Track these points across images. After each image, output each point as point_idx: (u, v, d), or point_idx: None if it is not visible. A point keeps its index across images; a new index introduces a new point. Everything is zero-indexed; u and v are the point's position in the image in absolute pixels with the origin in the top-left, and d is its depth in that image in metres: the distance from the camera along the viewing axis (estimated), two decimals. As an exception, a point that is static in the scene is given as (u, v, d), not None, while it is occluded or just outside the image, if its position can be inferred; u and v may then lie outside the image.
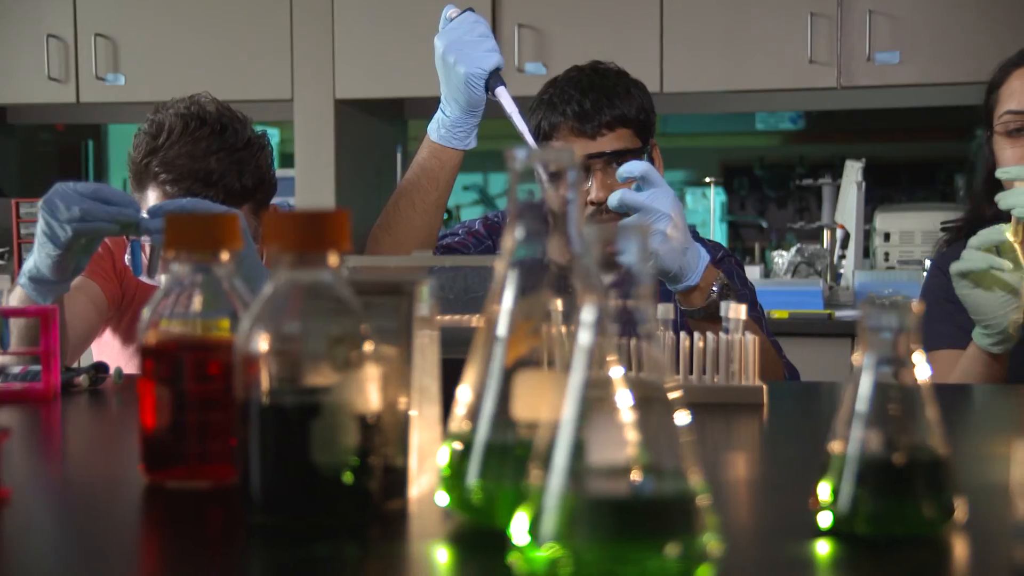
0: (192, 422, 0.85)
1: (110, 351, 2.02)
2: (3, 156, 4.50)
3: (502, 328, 0.75)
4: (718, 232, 4.85)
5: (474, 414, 0.75)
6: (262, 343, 0.74)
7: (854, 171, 3.79)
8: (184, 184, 1.78)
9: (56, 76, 3.95)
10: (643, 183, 1.56)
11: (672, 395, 0.63)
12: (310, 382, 0.75)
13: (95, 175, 4.92)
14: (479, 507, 0.74)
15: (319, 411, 0.74)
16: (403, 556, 0.74)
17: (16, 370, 1.39)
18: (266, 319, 0.75)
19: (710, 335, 1.35)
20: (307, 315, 0.76)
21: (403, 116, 4.29)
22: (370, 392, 0.76)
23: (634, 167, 1.58)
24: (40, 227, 1.45)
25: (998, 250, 1.59)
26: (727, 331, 1.34)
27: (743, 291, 1.88)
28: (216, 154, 1.80)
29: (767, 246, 4.85)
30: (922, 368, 0.74)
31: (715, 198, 4.82)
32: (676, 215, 1.56)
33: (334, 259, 0.76)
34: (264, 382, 0.74)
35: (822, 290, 3.45)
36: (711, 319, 1.61)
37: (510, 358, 0.76)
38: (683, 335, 1.36)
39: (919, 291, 2.05)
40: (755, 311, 1.87)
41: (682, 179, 5.31)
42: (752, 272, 3.82)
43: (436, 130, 1.79)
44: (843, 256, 3.87)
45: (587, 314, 0.62)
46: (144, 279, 1.57)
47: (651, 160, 1.87)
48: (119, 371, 1.46)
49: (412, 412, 0.82)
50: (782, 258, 3.96)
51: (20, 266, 1.73)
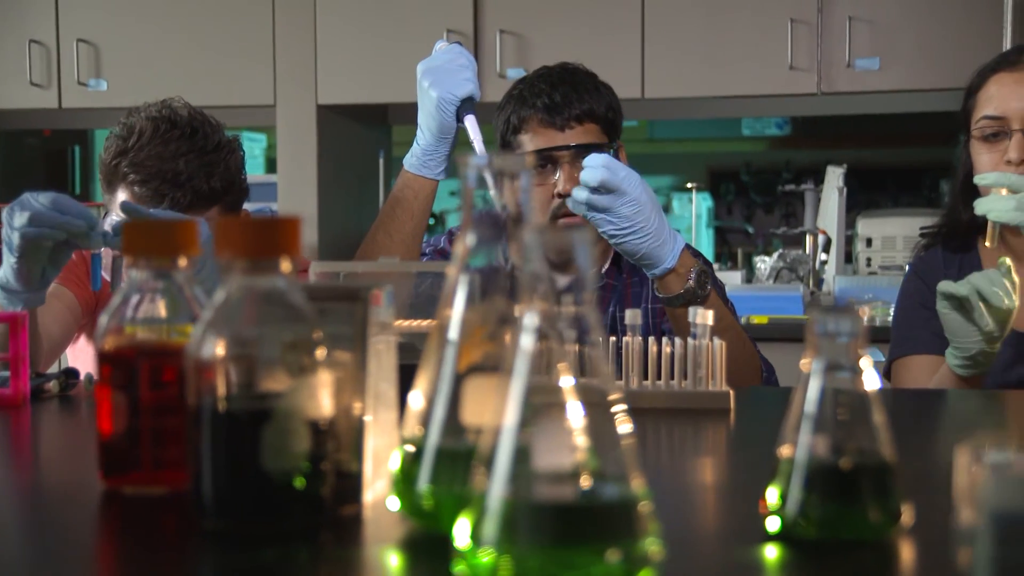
0: (148, 428, 0.85)
1: (85, 356, 2.02)
2: (-14, 161, 4.49)
3: (454, 333, 0.76)
4: (705, 238, 4.86)
5: (426, 419, 0.76)
6: (214, 349, 0.75)
7: (835, 177, 3.80)
8: (152, 185, 1.79)
9: (38, 82, 3.94)
10: (608, 173, 1.57)
11: (615, 401, 0.63)
12: (262, 388, 0.76)
13: (81, 180, 4.92)
14: (429, 512, 0.74)
15: (270, 417, 0.74)
16: (354, 561, 0.74)
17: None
18: (218, 325, 0.75)
19: (678, 340, 1.36)
20: (259, 321, 0.76)
21: (386, 121, 4.29)
22: (322, 398, 0.76)
23: (596, 158, 1.59)
24: (3, 234, 1.47)
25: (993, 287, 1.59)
26: (695, 336, 1.35)
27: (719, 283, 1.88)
28: (185, 156, 1.81)
29: (753, 251, 4.86)
30: (870, 373, 0.75)
31: (702, 203, 4.83)
32: (648, 199, 1.58)
33: (286, 265, 0.77)
34: (216, 388, 0.74)
35: (802, 295, 3.46)
36: (688, 306, 1.61)
37: (463, 364, 0.76)
38: (651, 340, 1.37)
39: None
40: (728, 306, 1.87)
41: (669, 184, 5.32)
42: (733, 278, 3.83)
43: (410, 158, 1.81)
44: (825, 261, 3.89)
45: (528, 319, 0.63)
46: (103, 290, 1.59)
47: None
48: (89, 377, 1.46)
49: (367, 417, 0.83)
50: (764, 263, 3.97)
51: None
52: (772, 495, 0.74)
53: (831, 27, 3.48)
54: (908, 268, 2.00)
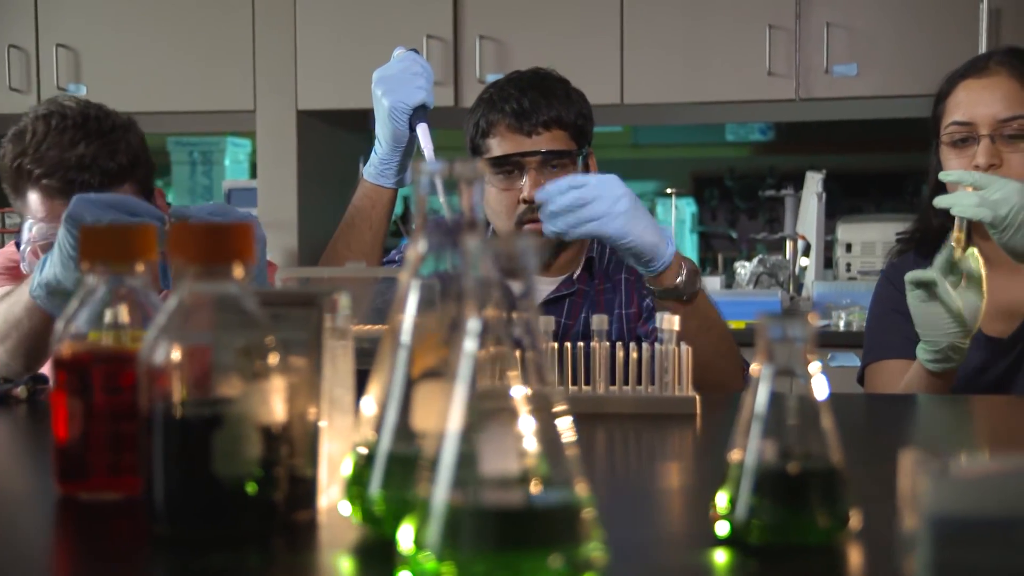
0: (102, 434, 0.85)
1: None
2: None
3: (406, 339, 0.76)
4: (689, 243, 4.86)
5: (378, 425, 0.76)
6: (166, 355, 0.75)
7: (814, 182, 3.81)
8: (59, 175, 1.78)
9: (17, 87, 3.93)
10: (576, 193, 1.56)
11: (559, 407, 0.64)
12: (215, 393, 0.76)
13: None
14: (381, 518, 0.75)
15: (221, 422, 0.74)
16: (305, 566, 0.74)
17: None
18: (170, 331, 0.75)
19: (645, 345, 1.36)
20: (212, 326, 0.77)
21: (367, 127, 4.29)
22: (275, 403, 0.76)
23: (558, 184, 1.57)
24: (62, 239, 1.44)
25: (963, 275, 1.60)
26: (661, 341, 1.35)
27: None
28: (84, 140, 1.80)
29: (737, 256, 4.86)
30: (819, 379, 0.75)
31: (686, 209, 4.84)
32: (629, 192, 1.57)
33: (239, 271, 0.77)
34: (167, 394, 0.74)
35: (780, 300, 3.46)
36: (680, 299, 1.63)
37: (417, 369, 0.76)
38: (619, 345, 1.37)
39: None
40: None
41: (654, 190, 5.32)
42: (712, 283, 3.84)
43: (368, 167, 1.81)
44: (805, 267, 3.90)
45: (472, 325, 0.63)
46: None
47: (587, 167, 1.88)
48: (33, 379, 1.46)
49: (322, 423, 0.83)
50: (745, 268, 3.98)
51: None
52: (722, 500, 0.75)
53: (809, 33, 3.49)
54: (881, 274, 2.01)
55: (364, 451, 0.76)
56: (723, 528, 0.74)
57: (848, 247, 3.92)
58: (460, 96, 3.65)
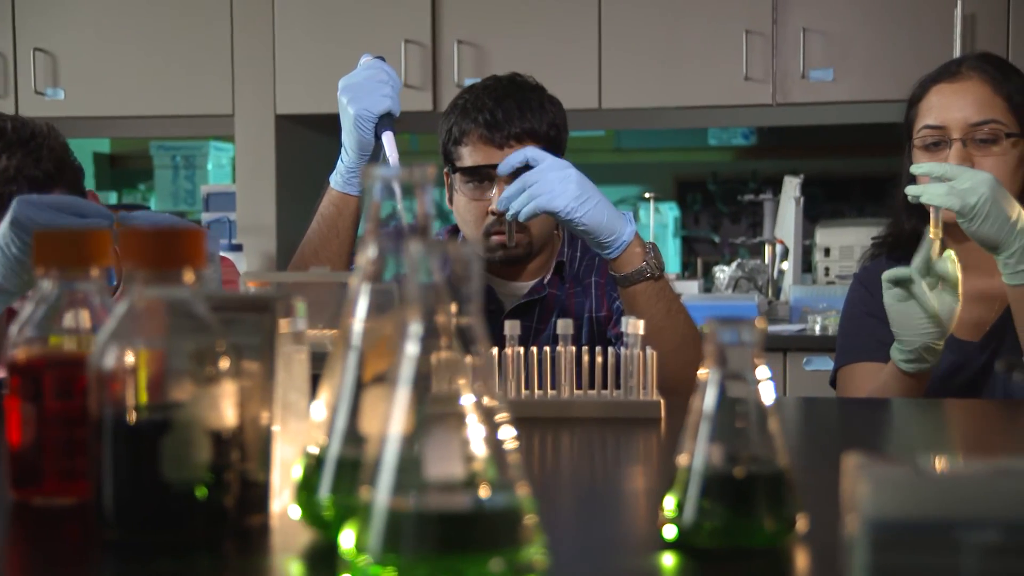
0: (55, 439, 0.85)
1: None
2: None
3: (356, 343, 0.76)
4: (672, 247, 4.87)
5: (327, 429, 0.76)
6: (115, 359, 0.75)
7: (792, 187, 3.83)
8: None
9: (-5, 91, 3.93)
10: (532, 151, 1.64)
11: (500, 411, 0.64)
12: (165, 398, 0.76)
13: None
14: (330, 521, 0.75)
15: (170, 427, 0.74)
16: (255, 571, 0.74)
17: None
18: (120, 336, 0.75)
19: (611, 350, 1.37)
20: (162, 331, 0.77)
21: (346, 132, 4.28)
22: (225, 408, 0.77)
23: (514, 156, 1.64)
24: (6, 242, 1.43)
25: (939, 278, 1.61)
26: (626, 345, 1.36)
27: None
28: (5, 152, 1.80)
29: (720, 260, 4.87)
30: (766, 383, 0.75)
31: (668, 213, 4.84)
32: (578, 176, 1.62)
33: (190, 276, 0.77)
34: (116, 398, 0.75)
35: (758, 304, 3.47)
36: (646, 281, 1.65)
37: (369, 373, 0.76)
38: (584, 350, 1.38)
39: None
40: None
41: (636, 194, 5.33)
42: (691, 287, 3.85)
43: (335, 176, 1.82)
44: (783, 271, 3.91)
45: (414, 329, 0.63)
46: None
47: None
48: None
49: (275, 427, 0.83)
50: (724, 273, 3.99)
51: None
52: (669, 503, 0.75)
53: (785, 38, 3.51)
54: (853, 278, 2.02)
55: (314, 455, 0.77)
56: (671, 532, 0.75)
57: (827, 251, 3.93)
58: (438, 100, 3.65)
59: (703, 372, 0.76)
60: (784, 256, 3.91)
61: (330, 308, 1.25)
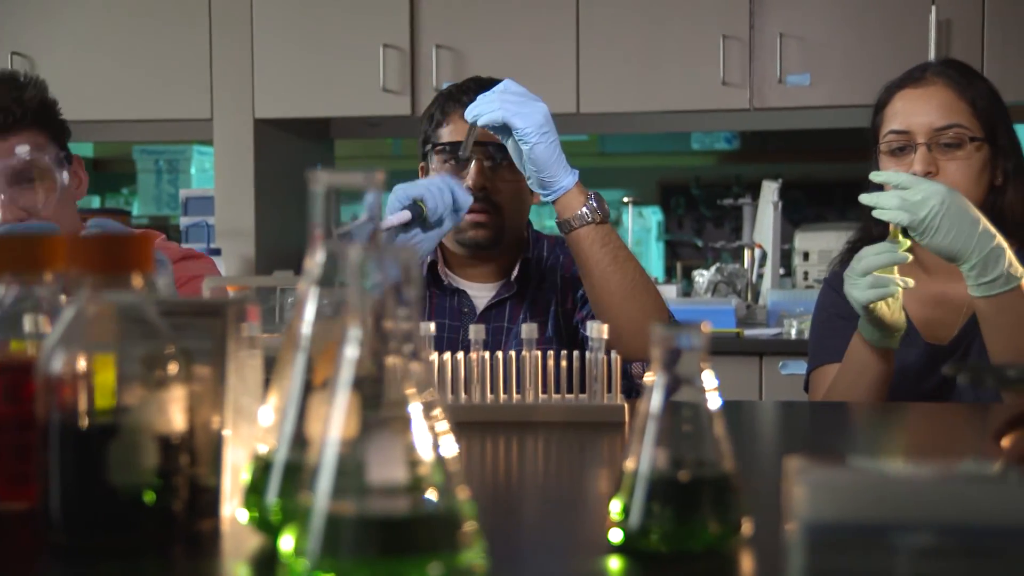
0: (7, 444, 0.85)
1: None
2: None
3: (305, 347, 0.77)
4: (655, 251, 4.88)
5: (275, 432, 0.76)
6: (63, 364, 0.75)
7: (771, 191, 3.84)
8: None
9: (-27, 94, 3.90)
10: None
11: (439, 416, 0.64)
12: (114, 403, 0.76)
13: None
14: (277, 526, 0.75)
15: (118, 432, 0.75)
16: (202, 575, 0.74)
17: None
18: (68, 341, 0.76)
19: (576, 353, 1.37)
20: (110, 336, 0.77)
21: (329, 135, 4.29)
22: (174, 412, 0.77)
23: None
24: None
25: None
26: (591, 349, 1.36)
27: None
28: None
29: (703, 264, 4.88)
30: (712, 387, 0.76)
31: (651, 217, 4.85)
32: (551, 124, 1.69)
33: (138, 281, 0.77)
34: (64, 403, 0.75)
35: (735, 308, 3.48)
36: (591, 225, 1.69)
37: (317, 377, 0.77)
38: (550, 353, 1.38)
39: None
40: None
41: (619, 198, 5.33)
42: (668, 291, 3.85)
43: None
44: (762, 275, 3.92)
45: (352, 333, 0.63)
46: None
47: None
48: None
49: (226, 432, 0.83)
50: (703, 277, 3.99)
51: None
52: (615, 507, 0.75)
53: (762, 43, 3.52)
54: (824, 282, 2.03)
55: (262, 459, 0.77)
56: (617, 535, 0.75)
57: (805, 255, 3.94)
58: (417, 105, 3.65)
59: (649, 376, 0.76)
60: (763, 260, 3.92)
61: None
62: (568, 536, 0.84)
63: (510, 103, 1.66)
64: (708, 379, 0.76)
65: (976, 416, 1.55)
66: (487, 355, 1.37)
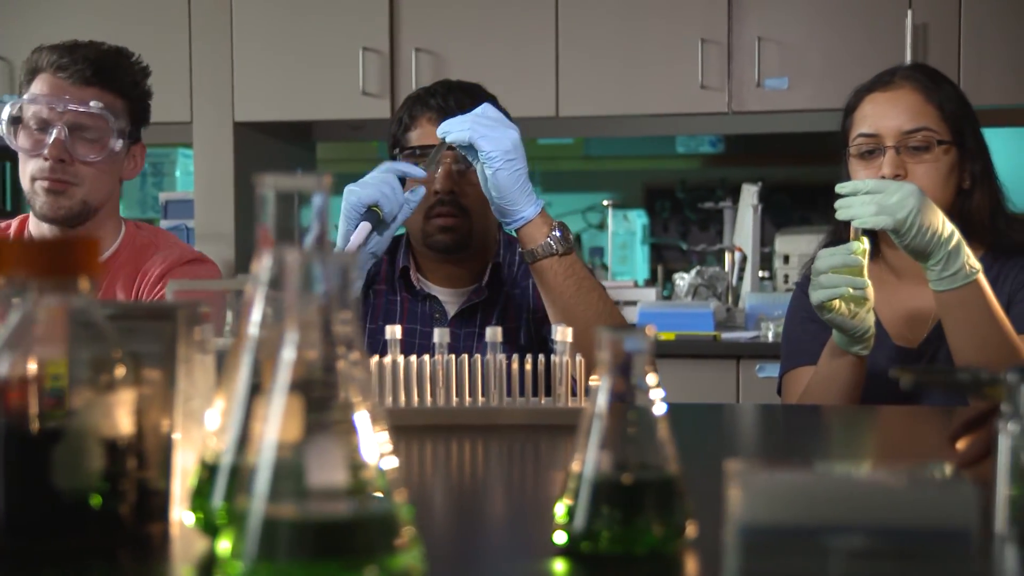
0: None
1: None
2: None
3: (252, 350, 0.77)
4: (640, 254, 4.88)
5: (221, 436, 0.76)
6: (7, 368, 0.75)
7: (750, 194, 3.85)
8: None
9: (-48, 97, 3.91)
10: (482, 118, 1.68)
11: (378, 419, 0.64)
12: (61, 406, 0.76)
13: (12, 198, 4.86)
14: (222, 528, 0.75)
15: (61, 435, 0.74)
16: (148, 579, 0.74)
17: None
18: (12, 345, 0.75)
19: (540, 357, 1.37)
20: (56, 340, 0.77)
21: (311, 138, 4.29)
22: (120, 416, 0.77)
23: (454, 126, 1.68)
24: None
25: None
26: (555, 352, 1.36)
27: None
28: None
29: (688, 267, 4.89)
30: (657, 390, 0.76)
31: (637, 221, 4.86)
32: (519, 151, 1.68)
33: (85, 284, 0.77)
34: (8, 407, 0.75)
35: (714, 312, 3.49)
36: (554, 256, 1.69)
37: (265, 380, 0.77)
38: (515, 357, 1.38)
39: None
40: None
41: (602, 201, 5.34)
42: (647, 295, 3.85)
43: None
44: (742, 278, 3.92)
45: (290, 336, 0.64)
46: None
47: None
48: None
49: (176, 435, 0.83)
50: (683, 280, 4.00)
51: None
52: (560, 510, 0.76)
53: (741, 47, 3.53)
54: (796, 286, 2.04)
55: (208, 462, 0.77)
56: (561, 537, 0.75)
57: (786, 259, 3.95)
58: (396, 108, 3.65)
59: (595, 379, 0.76)
60: (744, 263, 3.93)
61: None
62: (517, 539, 0.84)
63: (481, 125, 1.67)
64: (653, 382, 0.76)
65: (942, 419, 1.56)
66: (452, 358, 1.37)
